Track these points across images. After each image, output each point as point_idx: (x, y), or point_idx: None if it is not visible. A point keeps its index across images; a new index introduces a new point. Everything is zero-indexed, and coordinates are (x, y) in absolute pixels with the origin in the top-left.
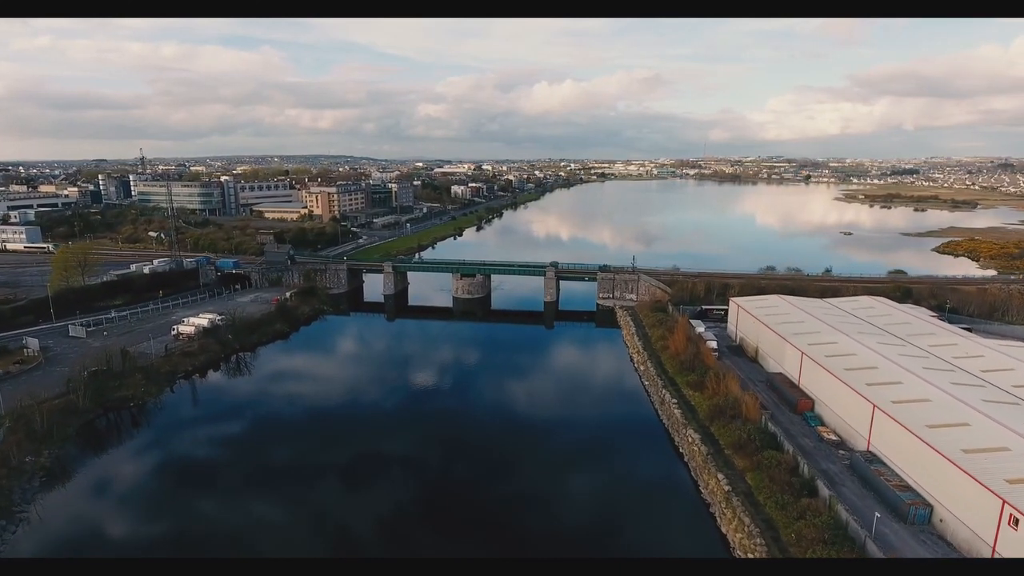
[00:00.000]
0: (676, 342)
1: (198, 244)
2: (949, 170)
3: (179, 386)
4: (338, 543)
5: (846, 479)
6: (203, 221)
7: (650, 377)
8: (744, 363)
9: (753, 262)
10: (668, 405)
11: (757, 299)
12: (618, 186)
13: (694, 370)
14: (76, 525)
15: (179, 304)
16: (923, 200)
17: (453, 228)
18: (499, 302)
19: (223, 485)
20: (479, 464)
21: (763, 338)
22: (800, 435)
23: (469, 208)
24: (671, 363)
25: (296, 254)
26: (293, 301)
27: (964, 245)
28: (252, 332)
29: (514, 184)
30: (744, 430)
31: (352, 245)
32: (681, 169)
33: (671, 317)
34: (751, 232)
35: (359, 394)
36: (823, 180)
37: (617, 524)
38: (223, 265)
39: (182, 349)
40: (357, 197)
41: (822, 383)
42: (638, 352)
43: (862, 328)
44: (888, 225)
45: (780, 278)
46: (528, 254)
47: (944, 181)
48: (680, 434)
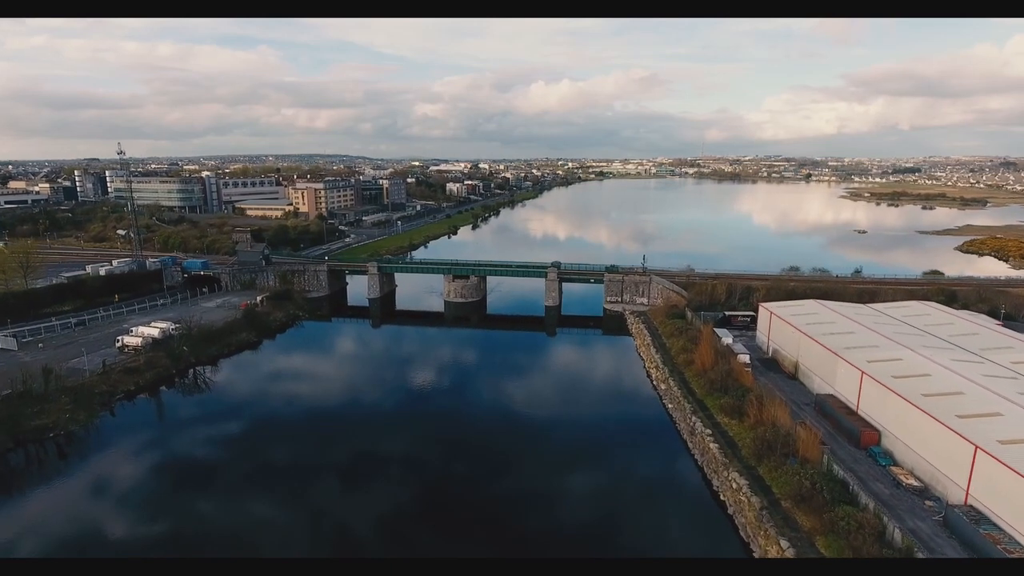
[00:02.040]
0: (703, 356)
1: (167, 243)
2: (951, 169)
3: (121, 408)
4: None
5: (943, 543)
6: (178, 219)
7: (674, 399)
8: (782, 380)
9: (769, 262)
10: (701, 438)
11: (792, 305)
12: (617, 184)
13: (727, 391)
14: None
15: (135, 310)
16: (931, 198)
17: (447, 226)
18: (496, 306)
19: (160, 533)
20: (472, 509)
21: (806, 351)
22: (870, 478)
23: (465, 206)
24: (698, 382)
25: (273, 254)
26: (265, 306)
27: (989, 243)
28: (212, 343)
29: (511, 182)
30: (804, 475)
31: (338, 244)
32: (680, 168)
33: (692, 325)
34: (760, 230)
35: (331, 417)
36: (824, 179)
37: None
38: (190, 266)
39: (125, 364)
40: (346, 194)
41: (891, 410)
42: (657, 367)
43: (925, 340)
44: (901, 223)
45: (808, 280)
46: (527, 254)
47: (947, 180)
48: (720, 477)
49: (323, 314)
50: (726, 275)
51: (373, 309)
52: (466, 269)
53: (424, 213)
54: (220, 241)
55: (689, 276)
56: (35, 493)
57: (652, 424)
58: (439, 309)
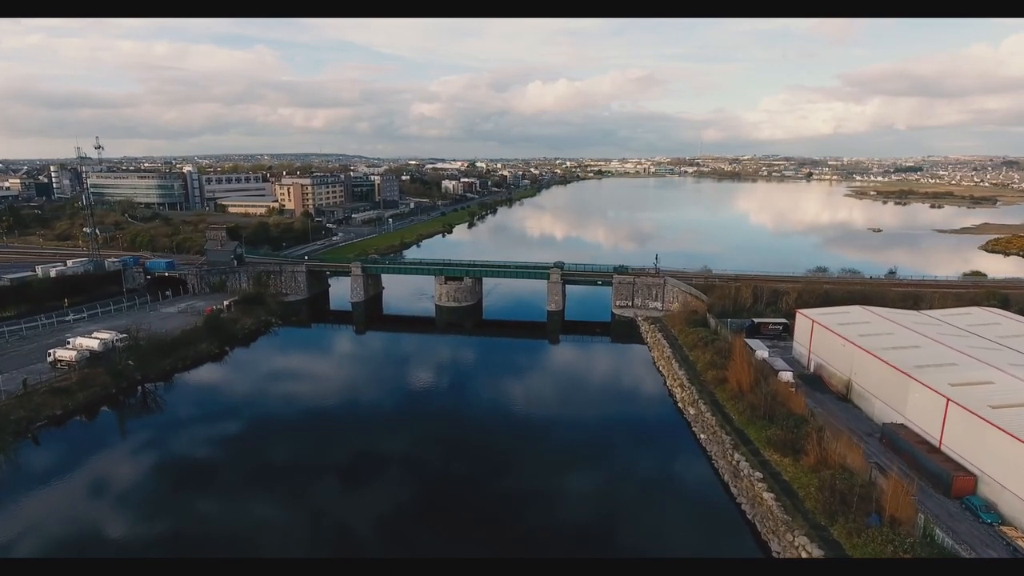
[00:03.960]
0: (738, 373)
1: (135, 242)
2: (952, 168)
3: (46, 436)
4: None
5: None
6: (152, 215)
7: (707, 427)
8: (831, 403)
9: (787, 262)
10: (749, 482)
11: (836, 312)
12: (616, 183)
13: (773, 419)
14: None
15: (85, 317)
16: (939, 196)
17: (442, 224)
18: (492, 311)
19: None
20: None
21: (862, 369)
22: (975, 541)
23: (461, 204)
24: (734, 405)
25: (250, 253)
26: (232, 311)
27: (1015, 243)
28: (165, 355)
29: (509, 180)
30: (899, 544)
31: (323, 243)
32: (679, 167)
33: (719, 336)
34: (769, 229)
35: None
36: (825, 177)
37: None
38: (153, 267)
39: (53, 383)
40: (335, 190)
41: (992, 449)
42: (681, 386)
43: (1010, 357)
44: (914, 222)
45: (841, 282)
46: (527, 254)
47: (950, 178)
48: (782, 541)
49: (301, 319)
50: (747, 276)
51: (357, 314)
52: (460, 270)
53: (418, 211)
54: (192, 239)
55: (707, 278)
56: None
57: (682, 458)
58: (430, 314)
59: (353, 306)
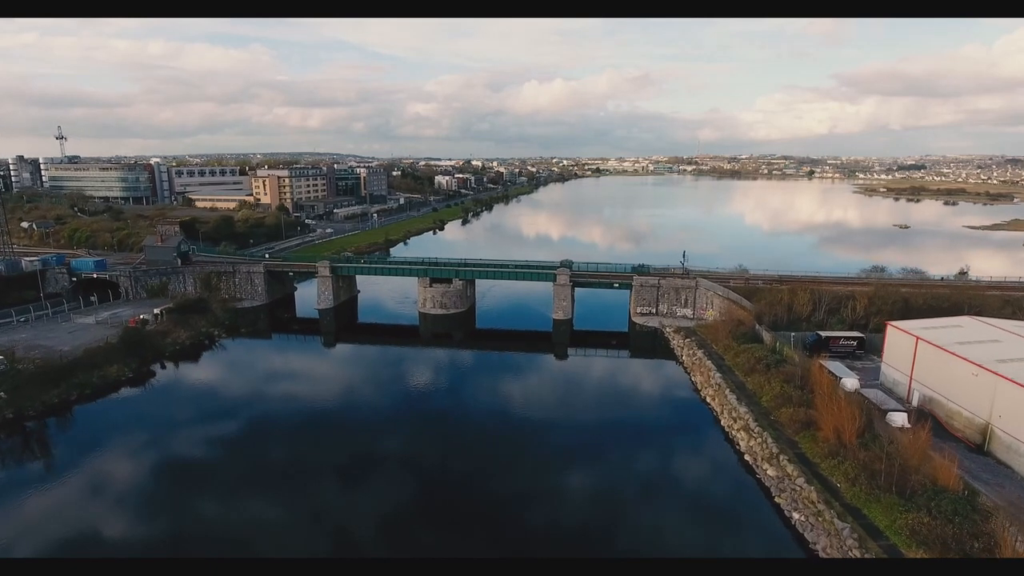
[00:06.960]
0: (839, 419)
1: (72, 238)
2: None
3: None
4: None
5: None
6: (104, 208)
7: (801, 502)
8: (959, 453)
9: (820, 262)
10: None
11: (944, 326)
12: (615, 181)
13: (906, 494)
14: None
15: None
16: (952, 193)
17: (433, 221)
18: (487, 319)
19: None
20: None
21: (1011, 409)
22: None
23: (454, 200)
24: (837, 467)
25: (202, 251)
26: (163, 322)
27: None
28: (56, 384)
29: (505, 177)
30: None
31: (298, 240)
32: (677, 165)
33: (782, 356)
34: (787, 226)
35: (215, 492)
36: (827, 175)
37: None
38: (80, 267)
39: None
40: (317, 184)
41: None
42: (747, 430)
43: None
44: (937, 218)
45: (920, 285)
46: (526, 253)
47: (956, 176)
48: None
49: (256, 330)
50: (794, 278)
51: (325, 323)
52: (448, 270)
53: (408, 206)
54: (139, 236)
55: (747, 280)
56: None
57: (772, 552)
58: (414, 322)
59: (321, 313)
